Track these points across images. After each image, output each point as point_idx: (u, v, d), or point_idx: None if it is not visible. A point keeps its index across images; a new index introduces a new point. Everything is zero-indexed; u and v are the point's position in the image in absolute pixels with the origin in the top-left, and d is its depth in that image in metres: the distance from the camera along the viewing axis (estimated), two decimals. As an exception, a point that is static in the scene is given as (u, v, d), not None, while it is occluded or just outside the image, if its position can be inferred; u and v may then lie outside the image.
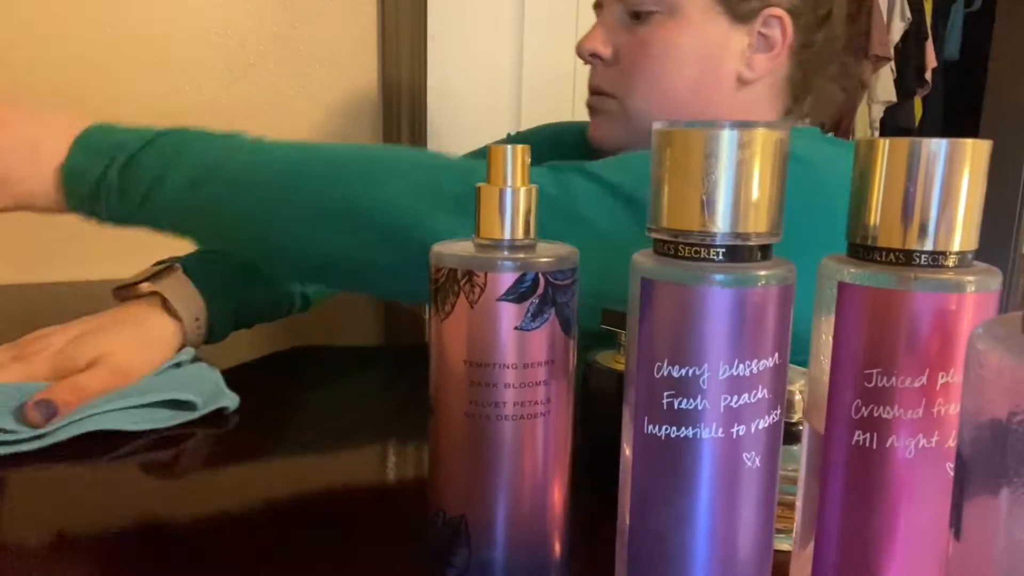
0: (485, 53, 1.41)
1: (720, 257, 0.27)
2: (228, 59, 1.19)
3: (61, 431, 0.50)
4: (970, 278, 0.27)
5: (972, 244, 0.28)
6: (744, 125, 0.26)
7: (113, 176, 0.57)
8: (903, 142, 0.27)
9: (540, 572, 0.34)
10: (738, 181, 0.26)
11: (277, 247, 0.57)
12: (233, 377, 0.64)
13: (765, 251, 0.28)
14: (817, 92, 0.75)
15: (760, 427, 0.28)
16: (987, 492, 0.21)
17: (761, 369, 0.27)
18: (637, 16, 0.71)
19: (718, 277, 0.26)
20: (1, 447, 0.48)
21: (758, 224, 0.27)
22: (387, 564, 0.40)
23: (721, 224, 0.26)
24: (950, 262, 0.27)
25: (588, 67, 0.77)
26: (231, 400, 0.57)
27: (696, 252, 0.27)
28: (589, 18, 0.77)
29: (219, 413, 0.57)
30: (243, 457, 0.53)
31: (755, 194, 0.27)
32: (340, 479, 0.50)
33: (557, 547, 0.34)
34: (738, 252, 0.27)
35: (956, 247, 0.27)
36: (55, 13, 1.08)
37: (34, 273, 1.10)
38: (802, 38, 0.71)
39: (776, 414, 0.28)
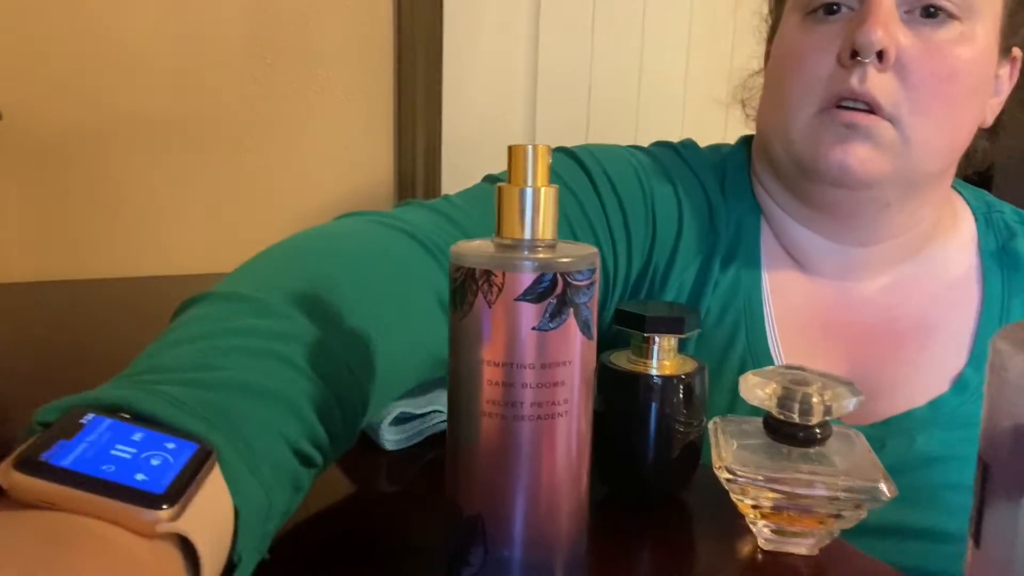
0: (500, 58, 1.41)
1: None
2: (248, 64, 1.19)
3: None
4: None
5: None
6: None
7: None
8: None
9: (556, 571, 0.34)
10: None
11: None
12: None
13: None
14: None
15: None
16: (1008, 499, 0.21)
17: None
18: (931, 14, 0.53)
19: None
20: None
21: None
22: (403, 561, 0.40)
23: None
24: None
25: (813, 65, 0.55)
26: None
27: None
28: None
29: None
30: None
31: None
32: (357, 477, 0.51)
33: (574, 547, 0.34)
34: None
35: None
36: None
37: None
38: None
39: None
